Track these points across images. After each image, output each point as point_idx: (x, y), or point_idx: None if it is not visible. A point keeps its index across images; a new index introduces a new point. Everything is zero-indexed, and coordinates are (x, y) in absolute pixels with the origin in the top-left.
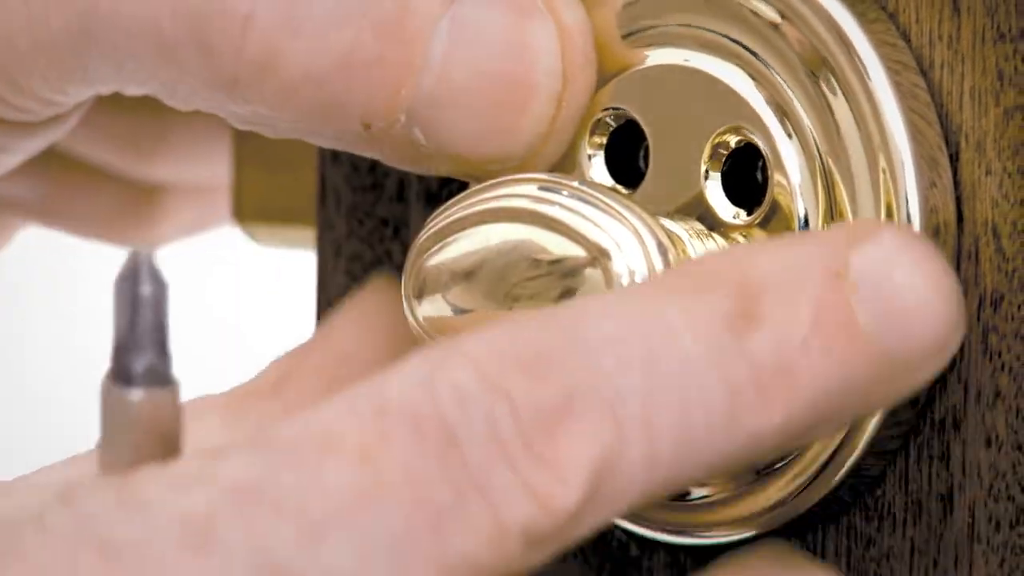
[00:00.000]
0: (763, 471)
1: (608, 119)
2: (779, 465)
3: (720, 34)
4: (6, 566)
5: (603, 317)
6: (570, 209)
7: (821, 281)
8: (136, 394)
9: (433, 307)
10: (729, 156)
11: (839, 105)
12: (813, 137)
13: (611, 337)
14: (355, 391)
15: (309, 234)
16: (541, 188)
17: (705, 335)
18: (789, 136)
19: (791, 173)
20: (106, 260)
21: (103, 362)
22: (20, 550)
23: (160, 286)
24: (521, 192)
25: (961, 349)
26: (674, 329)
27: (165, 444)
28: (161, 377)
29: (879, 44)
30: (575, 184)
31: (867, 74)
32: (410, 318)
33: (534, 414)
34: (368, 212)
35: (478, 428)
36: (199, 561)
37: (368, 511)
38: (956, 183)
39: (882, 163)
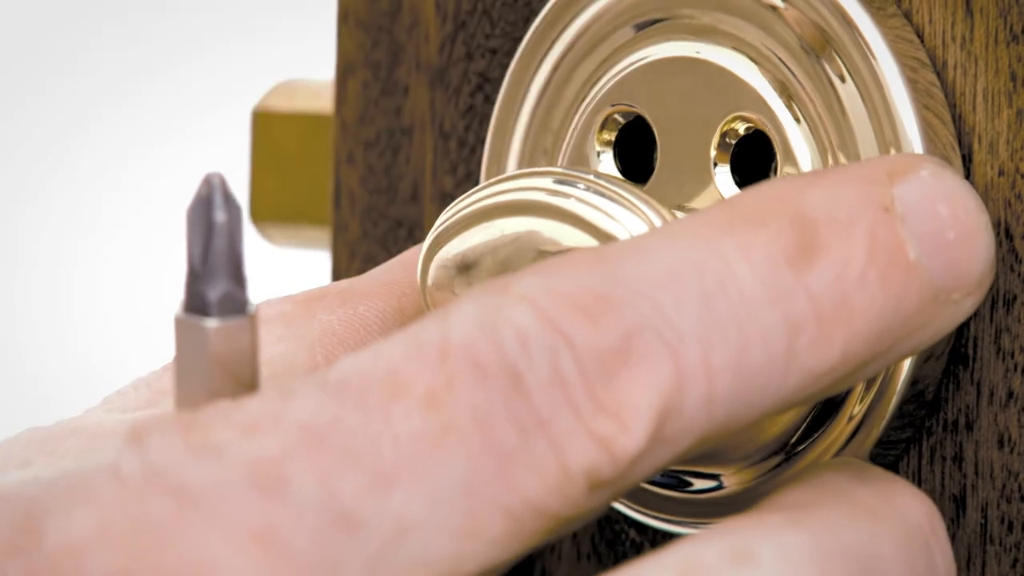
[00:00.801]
0: (789, 450)
1: (617, 116)
2: (801, 447)
3: (725, 33)
4: (83, 514)
5: (657, 255)
6: (585, 201)
7: (873, 214)
8: (211, 323)
9: (446, 299)
10: (738, 144)
11: (850, 97)
12: (823, 127)
13: (667, 276)
14: (417, 332)
15: (324, 235)
16: (557, 181)
17: (764, 270)
18: (798, 122)
19: (801, 162)
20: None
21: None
22: (95, 498)
23: (235, 212)
24: (536, 185)
25: (974, 349)
26: (732, 265)
27: (240, 376)
28: (237, 305)
29: (895, 40)
30: (590, 177)
31: (881, 69)
32: (427, 309)
33: (596, 358)
34: (382, 214)
35: (543, 372)
36: (270, 507)
37: (437, 457)
38: (969, 184)
39: None
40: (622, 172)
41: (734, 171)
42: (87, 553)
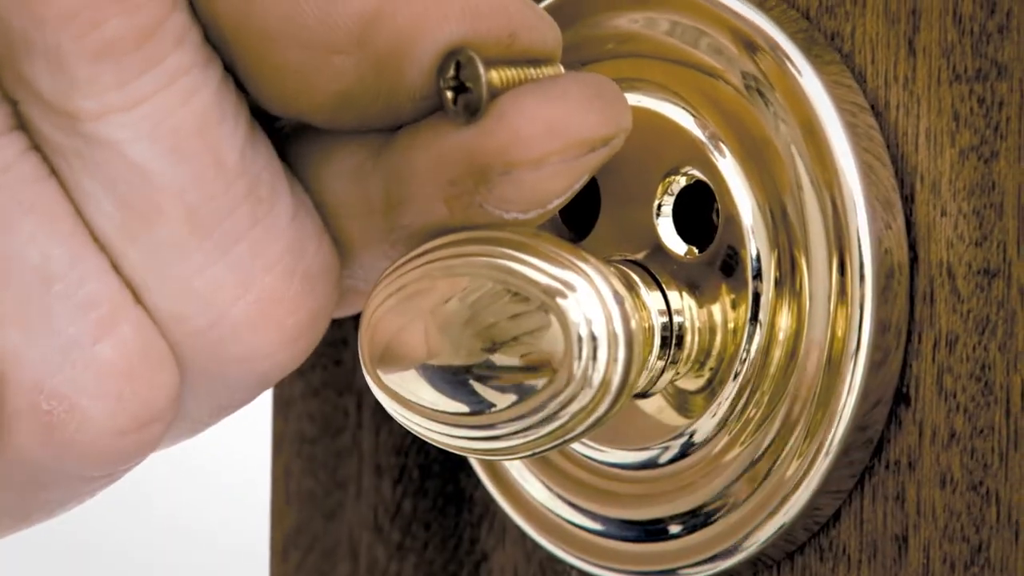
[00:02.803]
0: (732, 504)
1: None
2: (735, 502)
3: (663, 83)
4: None
5: None
6: (523, 261)
7: None
8: None
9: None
10: (682, 194)
11: (790, 143)
12: (763, 174)
13: None
14: None
15: None
16: (492, 243)
17: None
18: (738, 170)
19: (742, 213)
20: None
21: None
22: None
23: None
24: (472, 251)
25: (916, 389)
26: None
27: None
28: None
29: (833, 86)
30: (527, 237)
31: (819, 115)
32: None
33: None
34: None
35: None
36: None
37: None
38: (911, 224)
39: (834, 204)
40: (565, 222)
41: (676, 220)
42: None
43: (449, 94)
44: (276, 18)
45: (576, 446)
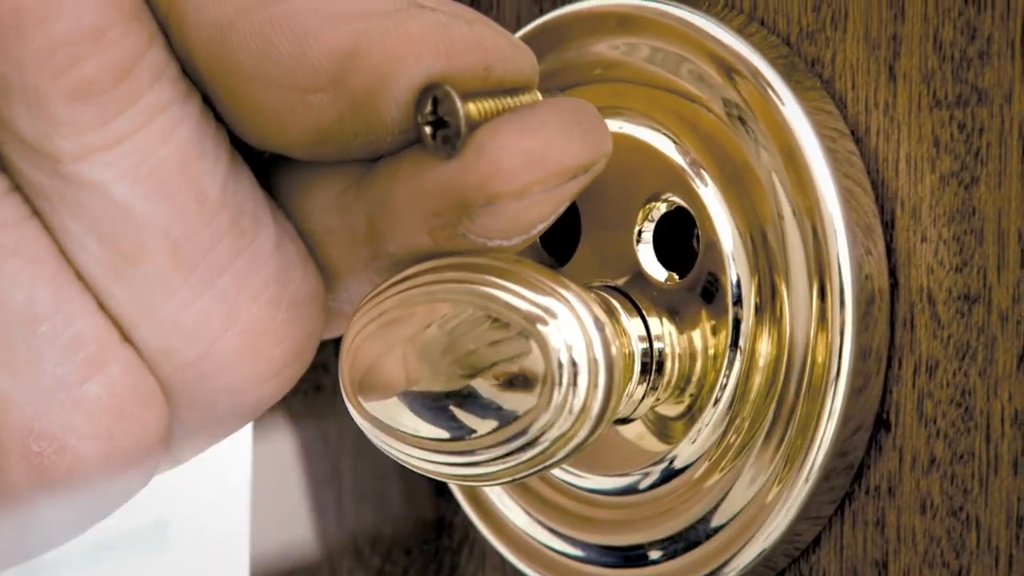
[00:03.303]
0: (709, 533)
1: None
2: (715, 527)
3: (644, 110)
4: None
5: None
6: (503, 288)
7: None
8: None
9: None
10: (662, 220)
11: (771, 170)
12: (744, 200)
13: None
14: None
15: None
16: (472, 270)
17: None
18: (719, 197)
19: (723, 240)
20: None
21: None
22: None
23: None
24: (452, 277)
25: (896, 415)
26: None
27: None
28: None
29: (814, 112)
30: (507, 264)
31: (799, 141)
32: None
33: None
34: None
35: None
36: None
37: None
38: (891, 250)
39: (815, 230)
40: (545, 248)
41: (656, 247)
42: None
43: (428, 129)
44: (251, 57)
45: (556, 472)
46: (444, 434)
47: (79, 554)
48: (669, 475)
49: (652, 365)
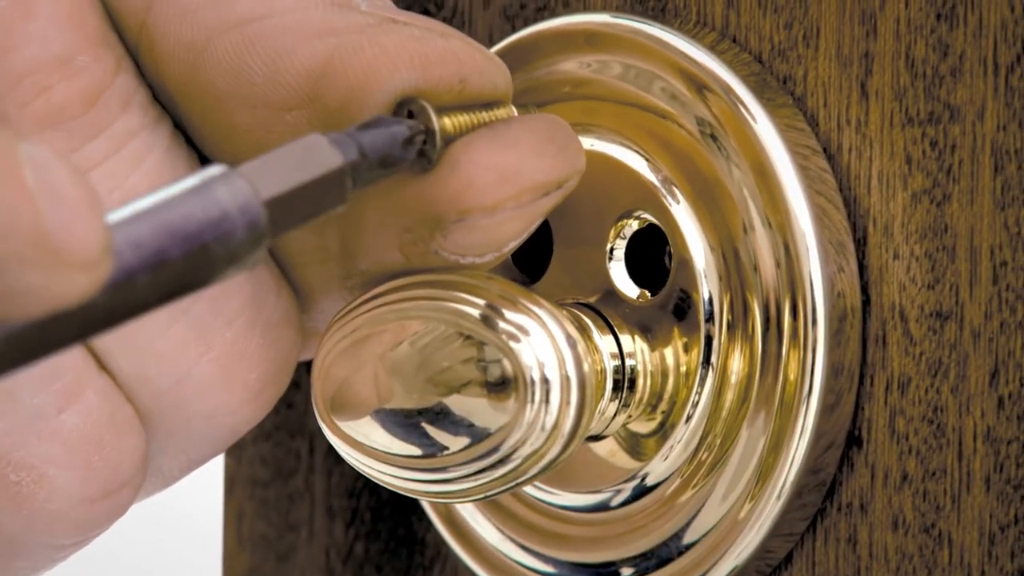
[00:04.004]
0: (681, 549)
1: None
2: (687, 544)
3: (615, 127)
4: None
5: None
6: (475, 305)
7: None
8: None
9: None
10: (634, 237)
11: (743, 187)
12: (717, 221)
13: None
14: None
15: None
16: (444, 287)
17: None
18: (691, 214)
19: (695, 257)
20: None
21: None
22: None
23: None
24: (424, 295)
25: (868, 432)
26: None
27: None
28: None
29: (786, 129)
30: (479, 281)
31: (771, 158)
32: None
33: None
34: None
35: None
36: None
37: None
38: (863, 267)
39: (787, 247)
40: (517, 265)
41: (628, 264)
42: None
43: None
44: (225, 77)
45: (528, 489)
46: (416, 451)
47: None
48: (641, 492)
49: (624, 382)
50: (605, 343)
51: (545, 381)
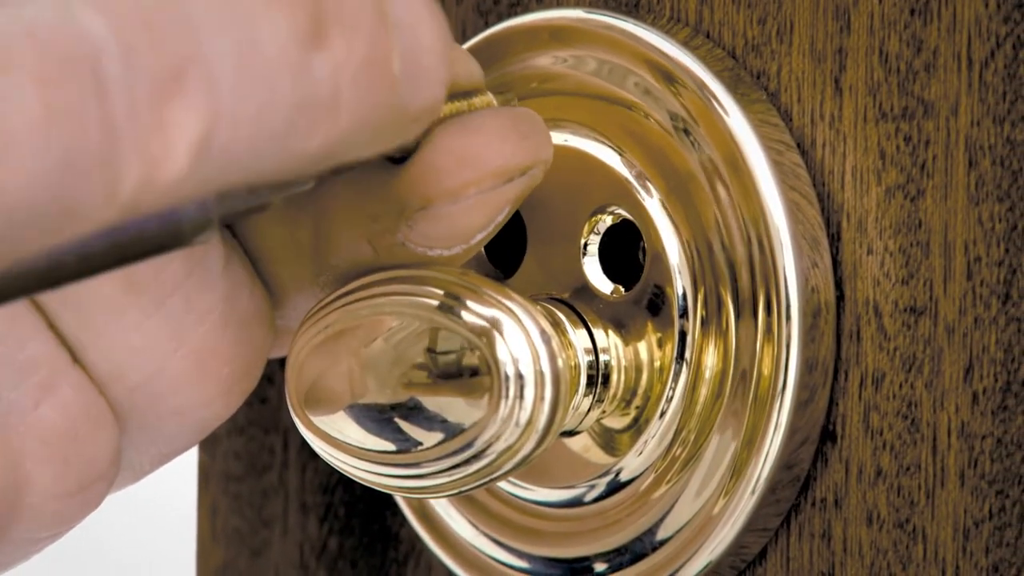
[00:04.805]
0: (655, 545)
1: None
2: (661, 539)
3: (589, 122)
4: None
5: (208, 8)
6: (449, 300)
7: (375, 20)
8: None
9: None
10: (608, 232)
11: (717, 184)
12: (690, 216)
13: (216, 24)
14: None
15: None
16: (417, 282)
17: (280, 43)
18: (664, 209)
19: (669, 252)
20: None
21: None
22: None
23: None
24: (397, 290)
25: (842, 427)
26: (257, 28)
27: None
28: None
29: (760, 124)
30: (453, 276)
31: (745, 153)
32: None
33: (154, 77)
34: None
35: (124, 81)
36: None
37: (40, 136)
38: (837, 262)
39: (760, 243)
40: (491, 261)
41: (602, 259)
42: None
43: None
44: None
45: (502, 484)
46: (390, 447)
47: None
48: (615, 487)
49: (598, 378)
50: (579, 338)
51: (519, 377)
